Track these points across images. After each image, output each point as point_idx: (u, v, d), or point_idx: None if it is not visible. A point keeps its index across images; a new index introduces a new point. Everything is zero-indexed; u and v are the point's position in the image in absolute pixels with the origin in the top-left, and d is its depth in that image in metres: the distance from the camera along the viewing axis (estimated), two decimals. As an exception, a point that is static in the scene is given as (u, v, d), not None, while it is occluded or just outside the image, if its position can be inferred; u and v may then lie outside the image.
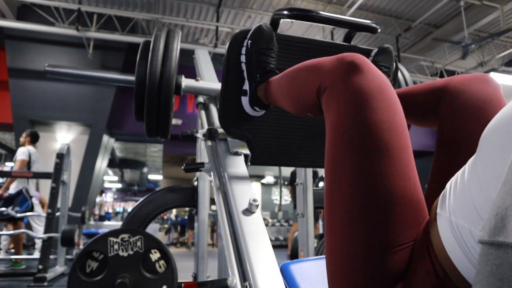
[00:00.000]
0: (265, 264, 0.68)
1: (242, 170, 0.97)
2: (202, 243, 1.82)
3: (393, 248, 0.49)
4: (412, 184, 0.52)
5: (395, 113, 0.56)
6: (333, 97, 0.61)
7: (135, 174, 17.92)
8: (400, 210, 0.50)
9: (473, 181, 0.38)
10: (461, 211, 0.40)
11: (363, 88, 0.56)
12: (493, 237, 0.26)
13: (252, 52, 1.00)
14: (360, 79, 0.57)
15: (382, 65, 1.07)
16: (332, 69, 0.62)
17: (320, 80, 0.65)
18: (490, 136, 0.37)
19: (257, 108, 1.03)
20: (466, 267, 0.40)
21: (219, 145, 1.07)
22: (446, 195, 0.44)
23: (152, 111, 1.10)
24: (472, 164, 0.40)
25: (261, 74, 0.98)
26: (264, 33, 1.00)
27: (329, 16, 0.99)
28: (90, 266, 1.42)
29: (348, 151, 0.55)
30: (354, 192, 0.52)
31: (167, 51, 1.11)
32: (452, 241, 0.41)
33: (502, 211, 0.26)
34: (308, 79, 0.70)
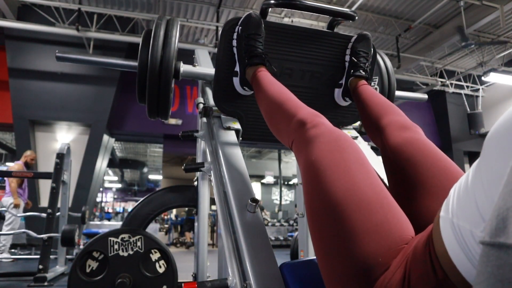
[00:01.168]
0: (265, 264, 0.68)
1: (234, 142, 1.09)
2: (202, 243, 1.82)
3: (365, 264, 0.52)
4: (374, 198, 0.57)
5: (355, 157, 0.65)
6: (297, 152, 0.74)
7: (135, 174, 17.92)
8: (361, 227, 0.54)
9: (477, 183, 0.39)
10: (463, 213, 0.40)
11: (313, 161, 0.65)
12: (494, 238, 0.25)
13: (242, 37, 1.10)
14: (311, 151, 0.67)
15: (360, 51, 1.18)
16: (293, 133, 0.78)
17: (289, 136, 0.80)
18: (493, 139, 0.37)
19: (246, 88, 1.14)
20: (467, 268, 0.40)
21: (213, 121, 1.18)
22: (450, 199, 0.45)
23: (153, 93, 1.18)
24: (476, 166, 0.40)
25: (249, 57, 1.08)
26: (253, 20, 1.11)
27: (310, 4, 1.10)
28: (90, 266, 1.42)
29: (314, 190, 0.63)
30: (322, 218, 0.59)
31: (167, 38, 1.19)
32: (454, 242, 0.41)
33: (504, 212, 0.26)
34: (284, 128, 0.84)
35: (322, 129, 0.71)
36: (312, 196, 0.62)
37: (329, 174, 0.61)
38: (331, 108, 1.31)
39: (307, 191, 0.65)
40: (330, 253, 0.56)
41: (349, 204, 0.56)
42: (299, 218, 1.88)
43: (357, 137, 1.41)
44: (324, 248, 0.57)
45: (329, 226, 0.56)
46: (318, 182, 0.61)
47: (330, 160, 0.63)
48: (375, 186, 0.59)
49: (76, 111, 6.18)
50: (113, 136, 7.37)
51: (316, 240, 0.60)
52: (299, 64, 1.22)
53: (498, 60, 7.28)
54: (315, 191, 0.61)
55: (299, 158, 0.72)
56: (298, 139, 0.74)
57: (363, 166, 0.63)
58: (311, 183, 0.64)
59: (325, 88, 1.28)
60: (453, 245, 0.41)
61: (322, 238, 0.58)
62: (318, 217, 0.59)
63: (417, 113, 8.20)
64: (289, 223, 8.94)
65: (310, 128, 0.72)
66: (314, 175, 0.63)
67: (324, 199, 0.59)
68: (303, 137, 0.72)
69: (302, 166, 0.69)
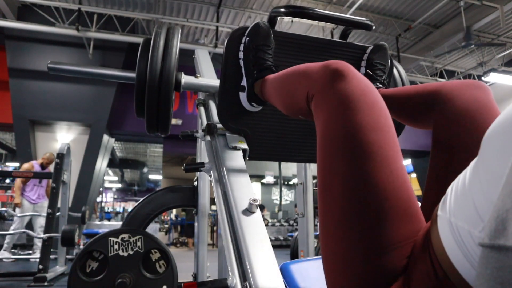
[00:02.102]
0: (265, 264, 0.68)
1: (241, 164, 0.99)
2: (202, 243, 1.82)
3: (388, 248, 0.49)
4: (401, 184, 0.53)
5: (380, 114, 0.58)
6: (320, 104, 0.63)
7: (135, 174, 17.93)
8: (391, 211, 0.50)
9: (475, 183, 0.38)
10: (461, 213, 0.40)
11: (347, 94, 0.58)
12: (493, 240, 0.25)
13: (250, 49, 1.02)
14: (344, 85, 0.59)
15: (377, 62, 1.09)
16: (318, 77, 0.65)
17: (308, 88, 0.68)
18: (492, 138, 0.37)
19: (255, 103, 1.05)
20: (466, 268, 0.40)
21: (218, 140, 1.08)
22: (447, 198, 0.45)
23: (153, 107, 1.11)
24: (474, 166, 0.40)
25: (258, 70, 1.00)
26: (262, 30, 1.02)
27: (324, 13, 1.01)
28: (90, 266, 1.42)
29: (337, 156, 0.56)
30: (346, 195, 0.53)
31: (167, 48, 1.12)
32: (452, 242, 0.41)
33: (503, 214, 0.26)
34: (298, 85, 0.73)
35: (357, 83, 0.60)
36: (337, 163, 0.55)
37: (370, 141, 0.54)
38: None
39: (329, 158, 0.57)
40: (349, 236, 0.52)
41: (387, 181, 0.52)
42: (299, 218, 1.88)
43: None
44: (340, 232, 0.53)
45: (355, 202, 0.52)
46: (353, 148, 0.54)
47: (372, 127, 0.55)
48: (402, 165, 0.56)
49: (76, 111, 6.18)
50: (113, 136, 7.37)
51: (330, 221, 0.55)
52: None
53: (498, 60, 7.28)
54: (345, 156, 0.55)
55: (322, 113, 0.62)
56: (324, 91, 0.63)
57: (398, 146, 0.58)
58: (339, 147, 0.56)
59: None
60: (452, 245, 0.41)
61: (340, 217, 0.53)
62: (342, 192, 0.54)
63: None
64: (289, 223, 8.94)
65: (342, 78, 0.60)
66: (348, 140, 0.55)
67: (357, 167, 0.53)
68: (332, 88, 0.61)
69: (323, 127, 0.60)
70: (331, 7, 6.01)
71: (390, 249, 0.49)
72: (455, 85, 0.73)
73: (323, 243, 0.57)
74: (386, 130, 0.57)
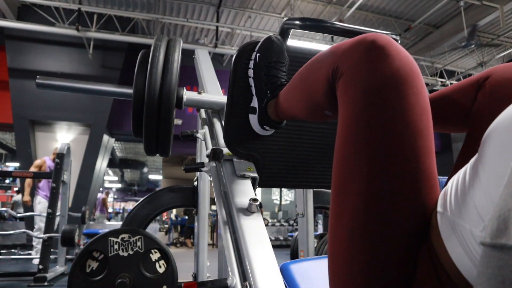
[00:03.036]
0: (265, 264, 0.68)
1: (251, 195, 0.88)
2: (202, 243, 1.82)
3: (394, 265, 0.47)
4: (424, 202, 0.48)
5: (422, 113, 0.49)
6: (350, 85, 0.52)
7: (135, 174, 17.93)
8: (408, 234, 0.47)
9: (475, 182, 0.38)
10: (462, 211, 0.40)
11: (387, 78, 0.48)
12: (495, 239, 0.25)
13: (261, 66, 0.91)
14: (385, 66, 0.48)
15: None
16: (351, 51, 0.53)
17: (335, 64, 0.55)
18: (493, 137, 0.36)
19: (267, 127, 0.94)
20: (468, 268, 0.40)
21: (224, 167, 0.97)
22: (448, 194, 0.44)
23: (151, 128, 1.02)
24: (474, 164, 0.40)
25: (271, 90, 0.89)
26: (274, 45, 0.91)
27: (343, 26, 0.89)
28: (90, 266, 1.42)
29: (362, 159, 0.48)
30: (363, 207, 0.48)
31: (167, 63, 1.04)
32: (454, 241, 0.41)
33: (505, 213, 0.26)
34: (321, 66, 0.61)
35: (407, 70, 0.50)
36: (361, 167, 0.48)
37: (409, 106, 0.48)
38: None
39: (354, 154, 0.50)
40: (360, 248, 0.47)
41: (412, 206, 0.47)
42: (299, 218, 1.88)
43: None
44: (354, 241, 0.48)
45: (375, 218, 0.47)
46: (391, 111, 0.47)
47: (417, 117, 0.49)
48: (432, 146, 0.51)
49: (76, 111, 6.18)
50: (113, 136, 7.37)
51: (344, 226, 0.50)
52: None
53: (498, 60, 7.28)
54: (372, 161, 0.48)
55: (350, 99, 0.52)
56: (358, 72, 0.51)
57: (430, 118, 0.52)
58: (367, 149, 0.49)
59: None
60: (454, 245, 0.41)
61: (358, 226, 0.48)
62: (358, 201, 0.48)
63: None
64: (289, 223, 8.94)
65: (386, 59, 0.49)
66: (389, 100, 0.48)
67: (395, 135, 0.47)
68: (370, 71, 0.50)
69: (358, 117, 0.50)
70: (331, 7, 6.01)
71: (397, 267, 0.47)
72: (508, 67, 0.64)
73: (330, 246, 0.54)
74: (426, 134, 0.49)
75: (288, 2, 5.92)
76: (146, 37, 6.13)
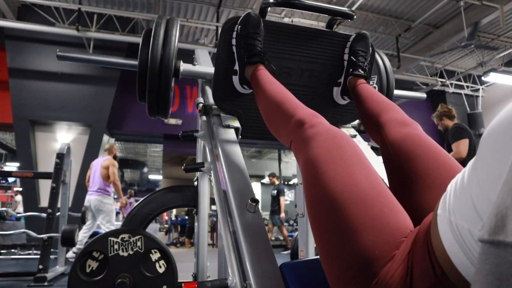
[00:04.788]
0: (265, 264, 0.68)
1: (233, 139, 1.10)
2: (202, 243, 1.82)
3: (369, 258, 0.52)
4: (373, 196, 0.57)
5: (357, 155, 0.66)
6: (296, 154, 0.75)
7: (135, 174, 17.92)
8: (362, 228, 0.54)
9: (473, 182, 0.39)
10: (461, 211, 0.40)
11: (311, 159, 0.66)
12: (493, 236, 0.26)
13: (241, 36, 1.11)
14: (310, 150, 0.68)
15: (359, 50, 1.19)
16: (292, 133, 0.78)
17: (289, 138, 0.80)
18: (490, 137, 0.37)
19: (246, 86, 1.14)
20: (465, 266, 0.40)
21: (213, 120, 1.18)
22: (447, 196, 0.45)
23: (153, 92, 1.18)
24: (473, 165, 0.40)
25: (248, 56, 1.09)
26: (252, 19, 1.11)
27: (309, 3, 1.11)
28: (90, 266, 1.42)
29: (313, 193, 0.63)
30: (323, 212, 0.59)
31: (167, 37, 1.20)
32: (452, 240, 0.41)
33: (503, 211, 0.26)
34: (282, 128, 0.86)
35: (320, 128, 0.72)
36: (312, 193, 0.63)
37: (326, 170, 0.62)
38: (330, 106, 1.32)
39: (307, 189, 0.66)
40: (330, 248, 0.56)
41: (346, 199, 0.56)
42: (299, 218, 1.88)
43: (356, 135, 1.42)
44: (325, 244, 0.58)
45: (328, 221, 0.57)
46: (317, 178, 0.63)
47: (327, 157, 0.64)
48: (372, 181, 0.60)
49: (76, 111, 6.18)
50: (113, 136, 7.37)
51: (318, 236, 0.60)
52: (298, 63, 1.23)
53: (498, 60, 7.28)
54: (314, 188, 0.62)
55: (299, 157, 0.73)
56: (297, 139, 0.76)
57: (360, 162, 0.64)
58: (310, 180, 0.65)
59: (324, 87, 1.28)
60: (452, 244, 0.41)
61: (322, 233, 0.59)
62: (318, 212, 0.60)
63: (417, 113, 8.19)
64: (289, 223, 8.93)
65: (308, 128, 0.73)
66: (312, 172, 0.64)
67: (323, 194, 0.60)
68: (301, 136, 0.74)
69: (301, 165, 0.70)
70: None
71: (367, 258, 0.51)
72: (391, 126, 0.86)
73: (317, 246, 0.62)
74: (353, 163, 0.63)
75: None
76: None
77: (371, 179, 0.60)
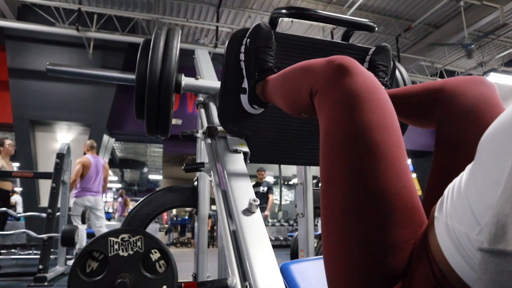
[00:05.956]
0: (265, 264, 0.68)
1: (242, 167, 0.97)
2: (202, 243, 1.82)
3: (389, 250, 0.49)
4: (405, 184, 0.52)
5: (385, 113, 0.57)
6: (324, 100, 0.62)
7: (135, 174, 17.92)
8: (395, 211, 0.50)
9: (471, 186, 0.39)
10: (458, 215, 0.40)
11: (352, 90, 0.57)
12: (493, 245, 0.25)
13: (251, 50, 1.01)
14: (350, 82, 0.57)
15: (379, 64, 1.08)
16: (322, 72, 0.63)
17: (311, 83, 0.66)
18: (489, 141, 0.37)
19: (256, 106, 1.03)
20: (464, 269, 0.40)
21: (218, 143, 1.06)
22: (444, 200, 0.45)
23: (153, 109, 1.10)
24: (471, 169, 0.40)
25: (259, 72, 0.99)
26: (263, 32, 1.00)
27: (326, 14, 0.99)
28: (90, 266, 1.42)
29: (340, 154, 0.55)
30: (349, 195, 0.52)
31: (167, 50, 1.11)
32: (449, 244, 0.41)
33: (503, 219, 0.26)
34: (300, 81, 0.71)
35: (368, 83, 0.58)
36: (341, 162, 0.55)
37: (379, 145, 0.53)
38: None
39: (333, 153, 0.56)
40: (350, 238, 0.51)
41: (391, 184, 0.51)
42: (299, 218, 1.88)
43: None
44: (344, 232, 0.52)
45: (359, 203, 0.51)
46: (360, 146, 0.53)
47: (383, 132, 0.54)
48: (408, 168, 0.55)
49: (76, 111, 6.17)
50: (113, 136, 7.37)
51: (334, 219, 0.54)
52: None
53: (498, 60, 7.28)
54: (349, 155, 0.54)
55: (325, 110, 0.61)
56: (328, 89, 0.61)
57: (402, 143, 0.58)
58: (343, 146, 0.55)
59: None
60: (449, 247, 0.41)
61: (346, 216, 0.52)
62: (345, 190, 0.53)
63: (417, 113, 8.20)
64: (289, 223, 8.94)
65: (349, 76, 0.58)
66: (358, 139, 0.54)
67: (361, 167, 0.52)
68: (337, 87, 0.59)
69: (332, 123, 0.58)
70: (331, 7, 6.01)
71: (392, 251, 0.49)
72: (459, 82, 0.71)
73: (324, 243, 0.56)
74: (391, 129, 0.55)
75: (288, 2, 5.92)
76: (146, 37, 6.10)
77: (406, 164, 0.55)
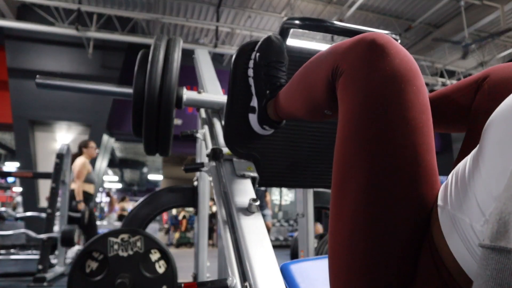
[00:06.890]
0: (265, 264, 0.68)
1: (250, 195, 0.88)
2: (202, 243, 1.82)
3: (397, 264, 0.47)
4: (431, 194, 0.47)
5: (422, 110, 0.49)
6: (351, 84, 0.51)
7: (135, 174, 17.92)
8: (412, 223, 0.47)
9: (475, 174, 0.38)
10: (462, 205, 0.39)
11: (387, 76, 0.48)
12: (494, 242, 0.25)
13: (261, 66, 0.91)
14: (384, 66, 0.48)
15: None
16: (351, 50, 0.53)
17: (336, 63, 0.55)
18: (491, 128, 0.36)
19: (267, 126, 0.94)
20: (469, 263, 0.39)
21: (224, 166, 0.97)
22: (448, 187, 0.43)
23: (151, 127, 1.03)
24: (474, 157, 0.39)
25: (271, 89, 0.89)
26: (274, 45, 0.90)
27: (344, 26, 0.89)
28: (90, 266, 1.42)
29: (361, 156, 0.48)
30: (364, 203, 0.47)
31: (167, 62, 1.04)
32: (455, 235, 0.40)
33: (505, 216, 0.26)
34: (321, 65, 0.61)
35: (406, 67, 0.49)
36: (360, 163, 0.48)
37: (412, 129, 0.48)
38: None
39: (353, 151, 0.50)
40: (360, 247, 0.47)
41: (414, 203, 0.47)
42: (299, 218, 1.88)
43: None
44: (353, 240, 0.47)
45: (375, 216, 0.47)
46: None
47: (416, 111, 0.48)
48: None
49: (76, 111, 6.17)
50: (113, 136, 7.37)
51: (343, 224, 0.49)
52: None
53: (498, 60, 7.27)
54: (371, 158, 0.48)
55: (350, 96, 0.52)
56: (358, 70, 0.51)
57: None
58: (365, 146, 0.48)
59: None
60: (454, 238, 0.40)
61: (357, 225, 0.48)
62: (363, 198, 0.48)
63: (417, 113, 8.21)
64: (289, 223, 8.94)
65: (385, 58, 0.49)
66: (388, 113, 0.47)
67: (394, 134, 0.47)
68: (370, 69, 0.49)
69: (357, 114, 0.50)
70: (331, 7, 6.00)
71: (399, 262, 0.46)
72: (507, 66, 0.64)
73: (330, 246, 0.53)
74: (425, 131, 0.48)
75: (288, 2, 5.91)
76: (146, 37, 6.12)
77: (436, 178, 0.50)
